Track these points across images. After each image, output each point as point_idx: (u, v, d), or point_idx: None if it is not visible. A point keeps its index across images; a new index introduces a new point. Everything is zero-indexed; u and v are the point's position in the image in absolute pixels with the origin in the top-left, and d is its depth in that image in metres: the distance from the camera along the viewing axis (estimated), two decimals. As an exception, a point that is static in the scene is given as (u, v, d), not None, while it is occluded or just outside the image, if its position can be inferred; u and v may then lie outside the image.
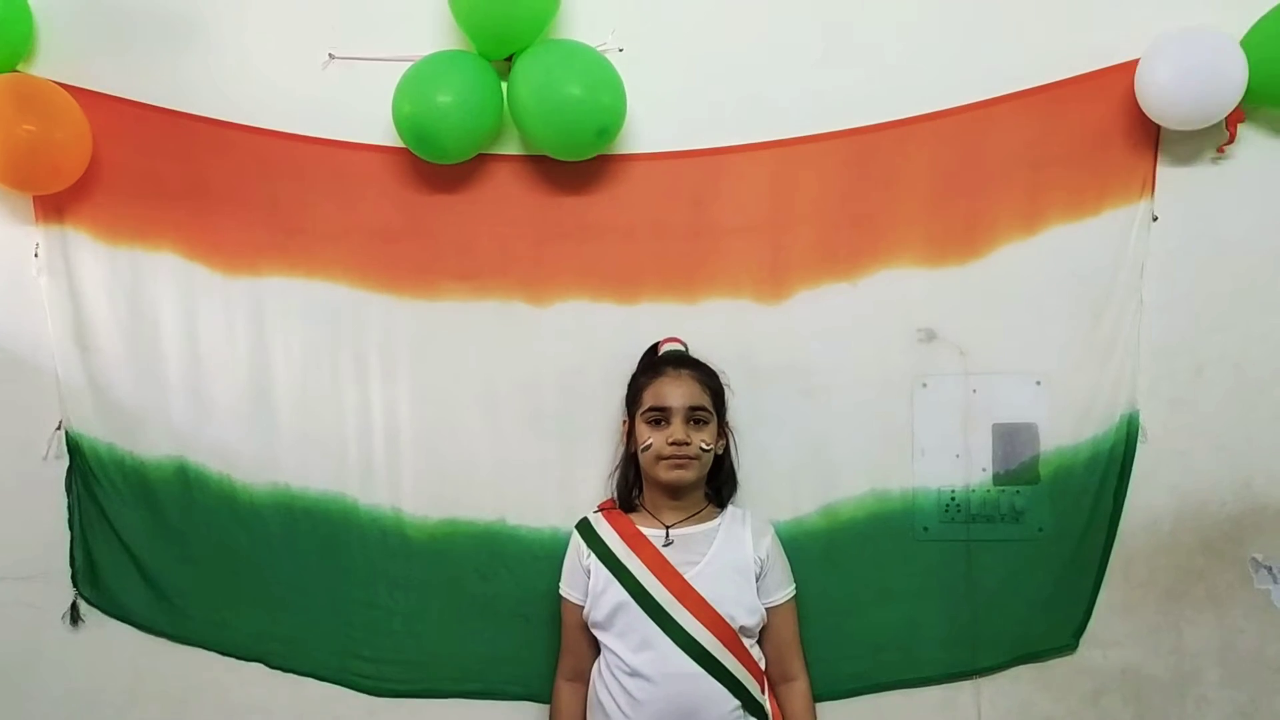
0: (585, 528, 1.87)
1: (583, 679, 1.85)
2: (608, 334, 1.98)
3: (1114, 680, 1.96)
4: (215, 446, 2.01)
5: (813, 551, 1.95)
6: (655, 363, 1.89)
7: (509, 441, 1.99)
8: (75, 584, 2.02)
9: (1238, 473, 1.96)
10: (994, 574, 1.96)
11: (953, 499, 1.97)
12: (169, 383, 2.01)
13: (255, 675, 2.01)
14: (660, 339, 1.93)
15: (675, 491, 1.83)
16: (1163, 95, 1.85)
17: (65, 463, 2.02)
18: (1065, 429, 1.96)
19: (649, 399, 1.83)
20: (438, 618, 1.99)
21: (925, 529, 1.97)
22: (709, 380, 1.86)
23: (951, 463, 1.97)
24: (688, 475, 1.80)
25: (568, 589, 1.85)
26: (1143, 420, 1.96)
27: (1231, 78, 1.82)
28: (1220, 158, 1.94)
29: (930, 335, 1.98)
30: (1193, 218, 1.95)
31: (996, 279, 1.96)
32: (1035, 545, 1.96)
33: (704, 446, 1.81)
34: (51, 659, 2.03)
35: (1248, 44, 1.85)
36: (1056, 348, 1.96)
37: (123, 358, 2.01)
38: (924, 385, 1.98)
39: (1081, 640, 1.96)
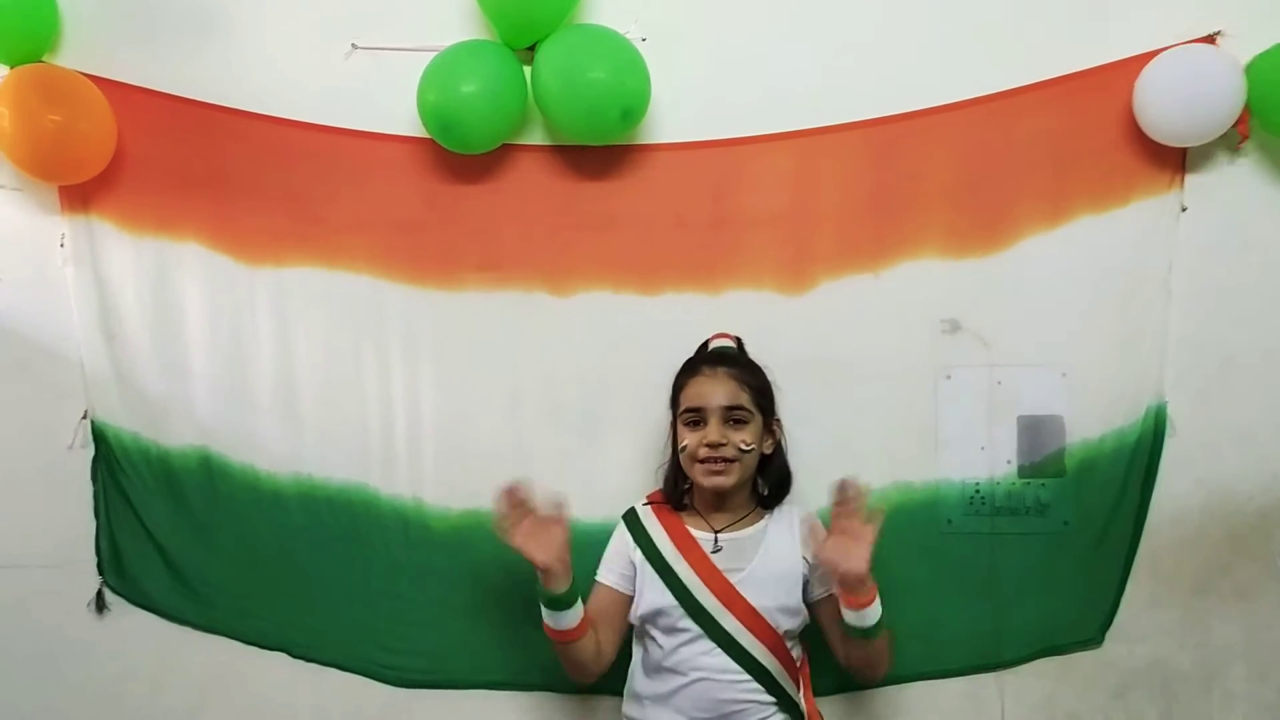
0: (632, 519, 1.84)
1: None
2: (630, 325, 1.98)
3: (1140, 675, 1.95)
4: (239, 436, 2.02)
5: (836, 544, 1.94)
6: (694, 361, 1.85)
7: (530, 432, 1.99)
8: (100, 572, 2.03)
9: (1265, 465, 1.94)
10: (1018, 567, 1.94)
11: (977, 491, 1.95)
12: (193, 372, 2.02)
13: (277, 664, 2.02)
14: (711, 335, 1.90)
15: (719, 497, 1.80)
16: (1160, 120, 1.85)
17: (90, 451, 2.03)
18: (1091, 421, 1.94)
19: (686, 399, 1.80)
20: (459, 608, 1.99)
21: (949, 521, 1.95)
22: (749, 378, 1.81)
23: (976, 455, 1.96)
24: (726, 482, 1.76)
25: (605, 574, 1.82)
26: (1170, 412, 1.94)
27: (1227, 96, 1.82)
28: (1239, 154, 1.93)
29: (954, 326, 1.97)
30: (1221, 209, 1.94)
31: (1021, 270, 1.95)
32: (1060, 538, 1.94)
33: (743, 447, 1.76)
34: (76, 647, 2.04)
35: (1253, 69, 1.85)
36: (1082, 339, 1.95)
37: (147, 347, 2.02)
38: (948, 377, 1.96)
39: (1107, 635, 1.94)
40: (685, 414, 1.79)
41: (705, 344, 1.89)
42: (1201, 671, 1.95)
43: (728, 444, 1.75)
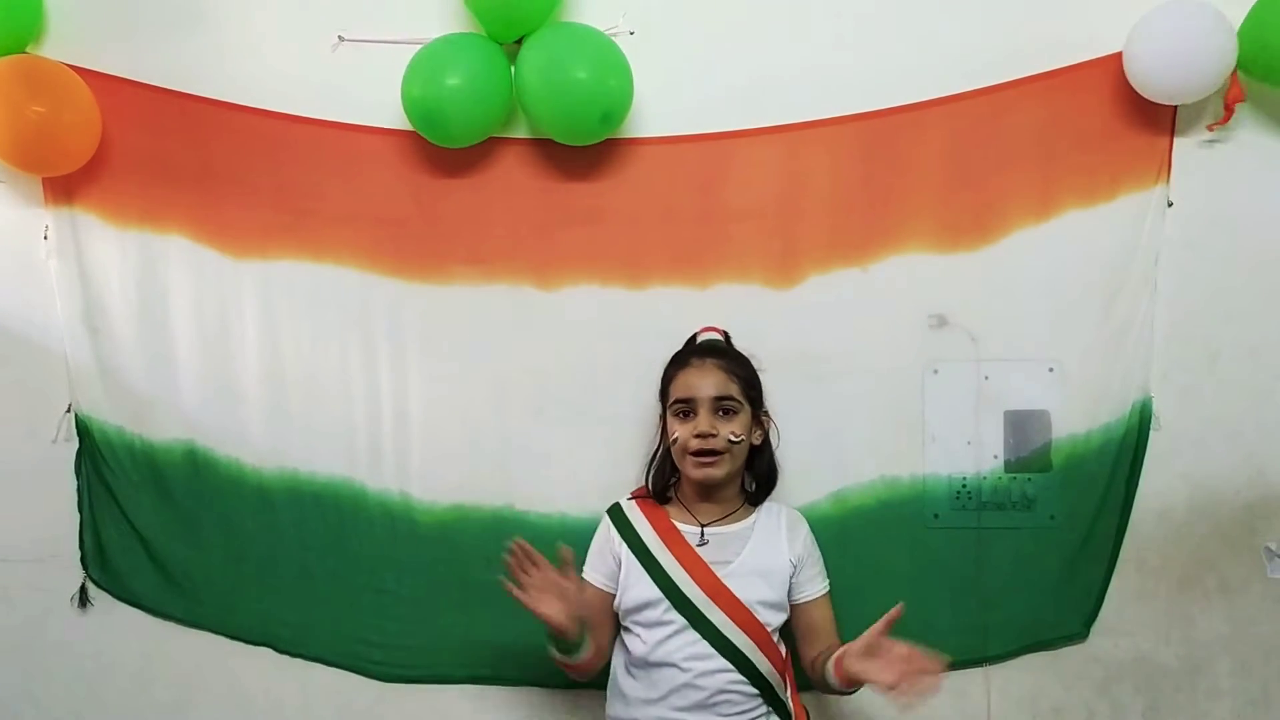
0: (618, 515, 1.84)
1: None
2: (617, 319, 1.98)
3: (1125, 669, 1.95)
4: (224, 430, 2.01)
5: (823, 538, 1.92)
6: (683, 353, 1.86)
7: (518, 427, 1.99)
8: (84, 567, 2.02)
9: (1251, 461, 1.95)
10: (1005, 562, 1.95)
11: (964, 486, 1.96)
12: (178, 366, 2.01)
13: (263, 659, 2.01)
14: (700, 328, 1.90)
15: (707, 489, 1.80)
16: (1149, 69, 1.84)
17: (75, 445, 2.02)
18: (1077, 416, 1.95)
19: (675, 391, 1.80)
20: (445, 603, 1.98)
21: (936, 516, 1.96)
22: (738, 369, 1.81)
23: (963, 449, 1.96)
24: (716, 473, 1.76)
25: (591, 572, 1.82)
26: (1155, 407, 1.95)
27: (1219, 47, 1.80)
28: (1213, 138, 1.93)
29: (942, 321, 1.97)
30: (1208, 203, 1.94)
31: (1009, 265, 1.95)
32: (1046, 533, 1.95)
33: (733, 438, 1.76)
34: (60, 642, 2.03)
35: (1246, 24, 1.84)
36: (1069, 334, 1.95)
37: (132, 340, 2.01)
38: (935, 371, 1.96)
39: (1092, 629, 1.95)
40: (675, 405, 1.79)
41: (694, 337, 1.89)
42: (1186, 665, 1.95)
43: (718, 434, 1.75)
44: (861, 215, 1.97)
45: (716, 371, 1.79)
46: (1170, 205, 1.94)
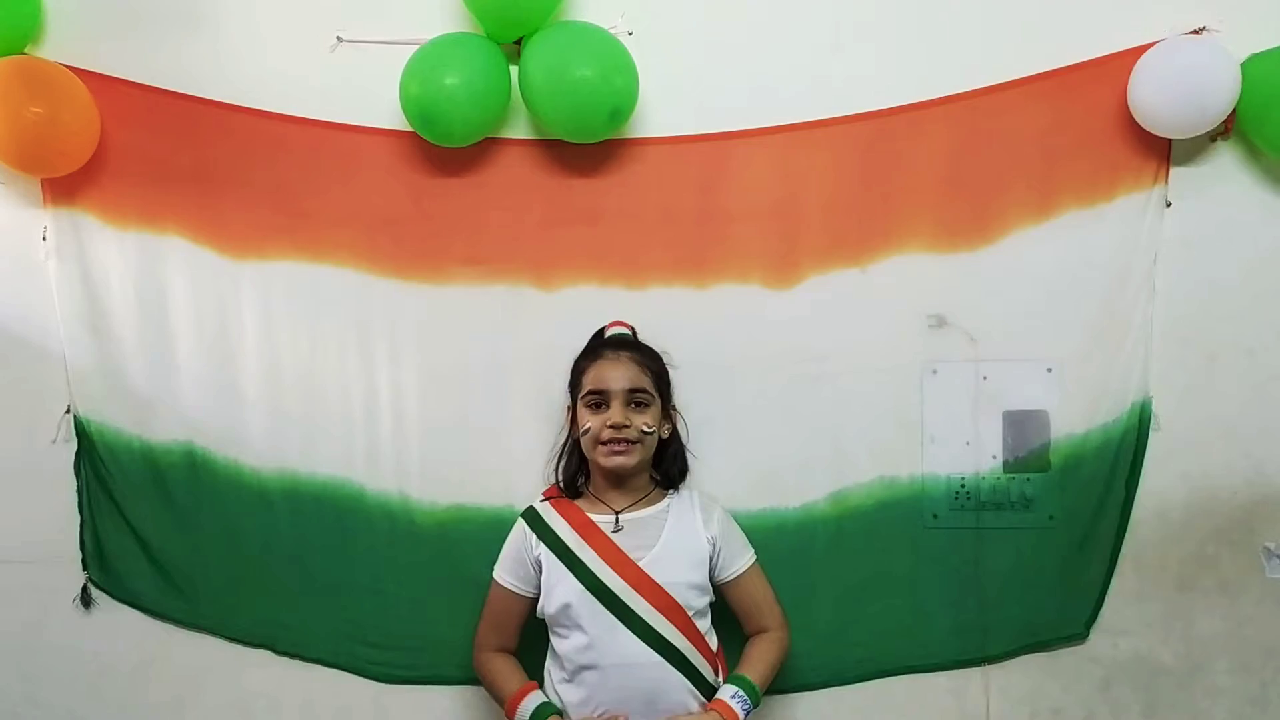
0: (533, 517, 1.84)
1: (508, 653, 1.84)
2: (616, 319, 1.97)
3: (1124, 669, 1.96)
4: (223, 431, 2.01)
5: (821, 538, 1.95)
6: (595, 346, 1.87)
7: (517, 427, 1.99)
8: (85, 568, 2.02)
9: (1250, 461, 1.95)
10: (1003, 562, 1.95)
11: (962, 486, 1.96)
12: (177, 367, 2.01)
13: (263, 660, 2.01)
14: (607, 323, 1.91)
15: (619, 478, 1.81)
16: (1154, 108, 1.85)
17: (74, 446, 2.01)
18: (1076, 416, 1.95)
19: (588, 382, 1.81)
20: (445, 604, 1.98)
21: (935, 516, 1.96)
22: (650, 362, 1.84)
23: (961, 450, 1.96)
24: (629, 462, 1.78)
25: (503, 574, 1.83)
26: (1154, 408, 1.95)
27: (1222, 91, 1.82)
28: (1221, 146, 1.93)
29: (941, 321, 1.97)
30: (1207, 204, 1.94)
31: (1008, 265, 1.95)
32: (1045, 533, 1.95)
33: (645, 429, 1.78)
34: (61, 643, 2.03)
35: (1248, 69, 1.85)
36: (1068, 335, 1.95)
37: (131, 341, 2.01)
38: (934, 372, 1.96)
39: (1092, 629, 1.95)
40: (588, 396, 1.81)
41: (602, 331, 1.90)
42: (1185, 665, 1.95)
43: (631, 425, 1.77)
44: (860, 215, 1.97)
45: (630, 364, 1.81)
46: (1169, 205, 1.94)
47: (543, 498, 1.88)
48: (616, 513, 1.81)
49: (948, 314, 1.97)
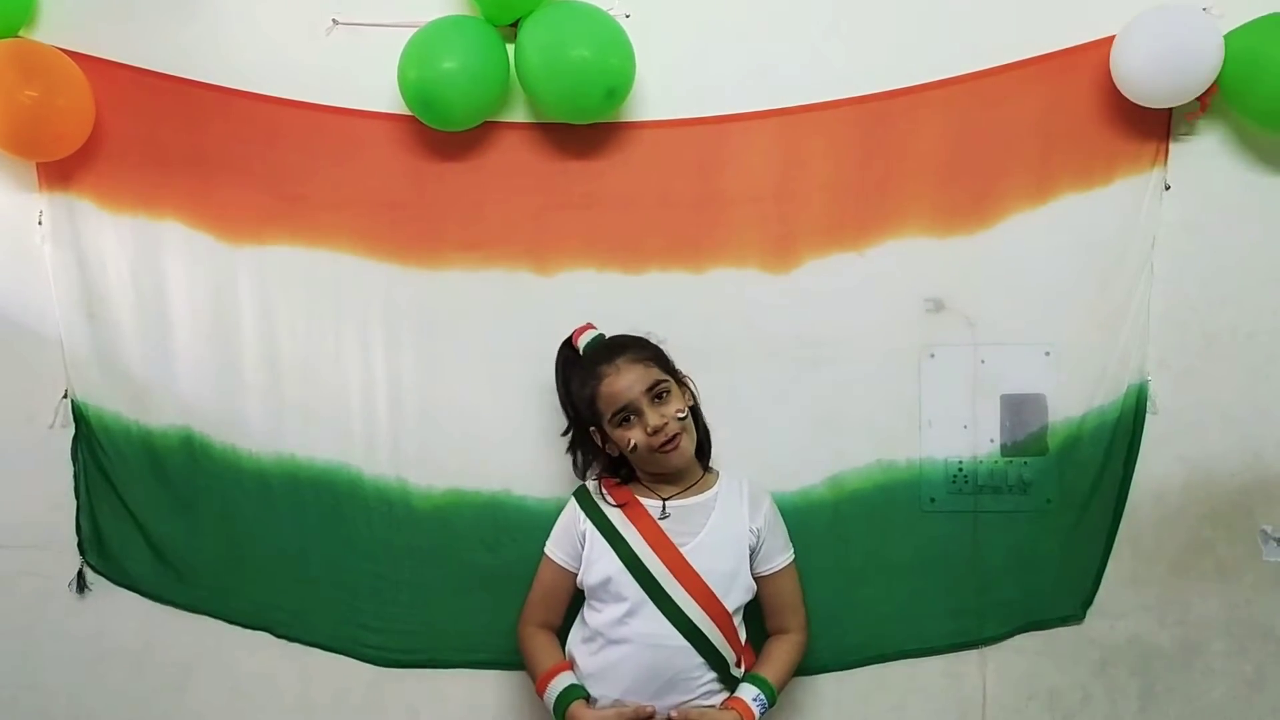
0: (583, 495, 1.86)
1: (552, 630, 1.85)
2: (614, 304, 1.96)
3: (1121, 651, 1.96)
4: (221, 415, 2.00)
5: (819, 522, 1.95)
6: (586, 369, 1.81)
7: (514, 411, 1.98)
8: (82, 553, 2.02)
9: (1247, 444, 1.95)
10: (1001, 545, 1.95)
11: (960, 470, 1.96)
12: (174, 351, 2.00)
13: (261, 644, 2.01)
14: (573, 330, 1.87)
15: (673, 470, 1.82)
16: (1135, 74, 1.84)
17: (71, 431, 2.01)
18: (1074, 400, 1.95)
19: (606, 404, 1.78)
20: (443, 588, 1.98)
21: (932, 500, 1.96)
22: (645, 352, 1.81)
23: (959, 433, 1.96)
24: (687, 450, 1.79)
25: (554, 549, 1.84)
26: (1152, 391, 1.95)
27: (1206, 59, 1.80)
28: (1188, 130, 1.92)
29: (938, 305, 1.97)
30: (1205, 188, 1.94)
31: (1006, 249, 1.95)
32: (1043, 516, 1.95)
33: (679, 415, 1.78)
34: (58, 627, 2.03)
35: (1232, 39, 1.83)
36: (1065, 318, 1.95)
37: (128, 326, 2.01)
38: (932, 356, 1.96)
39: (1088, 611, 1.95)
40: (616, 417, 1.77)
41: (571, 343, 1.86)
42: (1182, 647, 1.96)
43: (668, 420, 1.76)
44: (858, 199, 1.97)
45: (631, 365, 1.78)
46: (1167, 189, 1.94)
47: (595, 477, 1.88)
48: (664, 500, 1.81)
49: (945, 298, 1.96)
